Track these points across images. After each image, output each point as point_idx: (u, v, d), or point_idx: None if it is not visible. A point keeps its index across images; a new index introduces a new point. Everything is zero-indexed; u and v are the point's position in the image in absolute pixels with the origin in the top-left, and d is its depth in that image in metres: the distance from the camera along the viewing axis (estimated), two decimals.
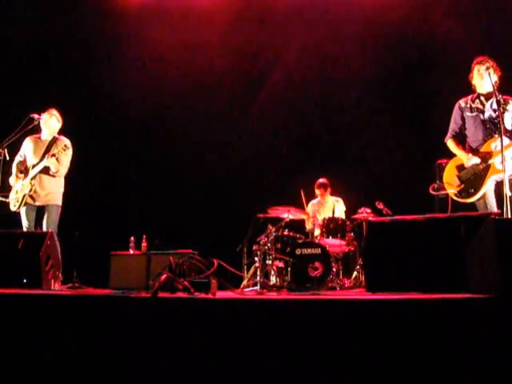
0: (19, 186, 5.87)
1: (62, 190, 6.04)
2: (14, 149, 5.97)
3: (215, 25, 8.18)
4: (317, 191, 7.18)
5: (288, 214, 6.35)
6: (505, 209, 4.33)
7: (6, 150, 5.62)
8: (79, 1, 8.30)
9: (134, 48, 8.27)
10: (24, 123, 5.75)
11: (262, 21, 8.21)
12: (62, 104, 6.30)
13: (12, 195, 5.92)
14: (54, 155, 5.72)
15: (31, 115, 5.81)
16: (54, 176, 5.90)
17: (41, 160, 5.83)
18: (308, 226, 6.80)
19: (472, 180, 4.88)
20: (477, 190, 4.84)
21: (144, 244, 6.41)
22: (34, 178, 5.82)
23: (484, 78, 4.91)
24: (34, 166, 5.85)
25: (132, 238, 6.37)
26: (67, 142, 6.01)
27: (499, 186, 4.76)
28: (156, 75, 8.30)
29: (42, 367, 3.13)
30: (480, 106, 5.03)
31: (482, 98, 5.04)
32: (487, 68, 4.88)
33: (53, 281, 4.87)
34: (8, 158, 5.73)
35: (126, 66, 8.20)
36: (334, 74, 8.04)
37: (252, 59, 8.28)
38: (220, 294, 3.87)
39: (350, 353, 2.83)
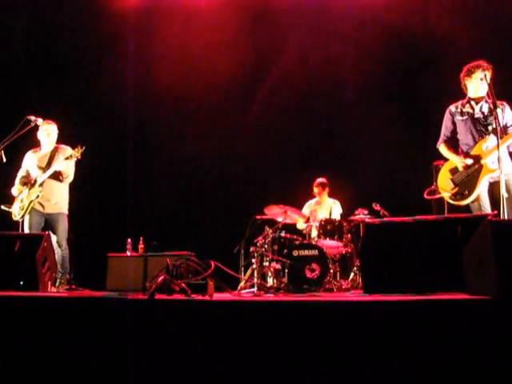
0: (25, 194, 5.84)
1: (67, 197, 6.07)
2: (11, 152, 5.94)
3: (214, 26, 8.19)
4: (315, 189, 7.19)
5: (285, 217, 6.35)
6: (501, 210, 4.34)
7: (2, 153, 5.60)
8: (78, 2, 8.29)
9: (132, 49, 8.26)
10: (20, 125, 5.73)
11: (261, 22, 8.21)
12: (59, 106, 6.30)
13: (16, 204, 5.88)
14: (68, 158, 5.71)
15: (28, 117, 5.79)
16: (61, 181, 5.89)
17: (47, 167, 5.81)
18: (299, 227, 6.80)
19: (466, 182, 4.90)
20: (471, 192, 4.85)
21: (141, 246, 6.41)
22: (41, 184, 5.80)
23: (484, 85, 4.90)
24: (40, 176, 5.83)
25: (129, 240, 6.37)
26: (70, 148, 5.98)
27: (493, 187, 4.78)
28: (154, 76, 8.29)
29: (40, 369, 3.12)
30: (470, 110, 5.06)
31: (473, 103, 5.07)
32: (489, 77, 4.88)
33: (49, 283, 4.85)
34: (4, 160, 5.70)
35: (124, 68, 8.19)
36: (332, 76, 8.05)
37: (251, 60, 8.27)
38: (217, 296, 3.87)
39: (347, 354, 2.83)
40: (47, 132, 5.98)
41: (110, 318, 3.18)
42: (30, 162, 6.04)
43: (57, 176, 5.85)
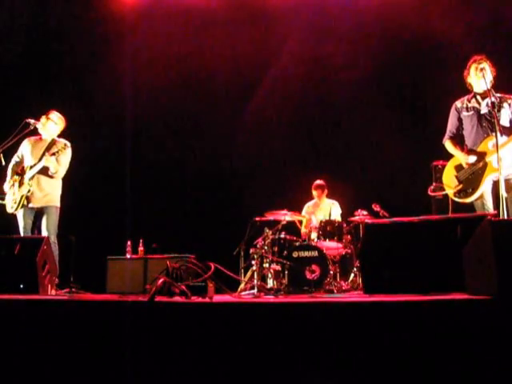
0: (16, 187, 5.82)
1: (60, 191, 5.98)
2: (10, 154, 5.94)
3: (212, 26, 8.19)
4: (314, 192, 7.20)
5: (284, 217, 6.35)
6: (501, 209, 4.34)
7: (1, 155, 5.59)
8: (76, 3, 8.28)
9: (131, 50, 8.25)
10: (19, 128, 5.72)
11: (259, 21, 8.21)
12: (59, 106, 6.29)
13: (9, 197, 5.86)
14: (53, 154, 5.69)
15: (27, 120, 5.78)
16: (52, 177, 5.84)
17: (39, 160, 5.80)
18: (302, 230, 6.82)
19: (470, 179, 4.90)
20: (475, 190, 4.85)
21: (141, 248, 6.41)
22: (31, 178, 5.77)
23: (481, 77, 4.91)
24: (31, 167, 5.81)
25: (129, 243, 6.37)
26: (66, 142, 5.98)
27: (496, 186, 4.77)
28: (152, 77, 8.28)
29: (40, 372, 3.11)
30: (476, 105, 5.04)
31: (479, 97, 5.06)
32: (482, 69, 4.89)
33: (49, 286, 4.85)
34: (4, 163, 5.70)
35: (123, 68, 8.17)
36: (331, 76, 8.04)
37: (249, 60, 8.27)
38: (217, 298, 3.86)
39: (348, 355, 2.83)
40: (42, 124, 5.95)
41: (110, 320, 3.18)
42: (26, 149, 5.99)
43: (45, 171, 5.82)
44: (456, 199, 5.02)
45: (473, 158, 4.92)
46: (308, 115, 8.34)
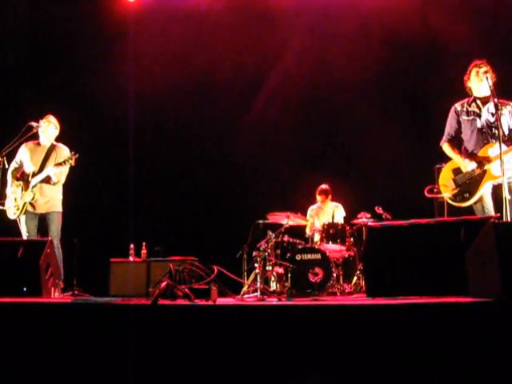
0: (18, 194, 5.83)
1: (61, 196, 6.00)
2: (12, 157, 5.95)
3: (215, 26, 8.19)
4: (318, 197, 7.19)
5: (287, 220, 6.35)
6: (504, 212, 4.32)
7: (4, 159, 5.60)
8: (77, 4, 8.29)
9: (132, 51, 8.24)
10: (23, 131, 5.72)
11: (261, 23, 8.21)
12: (60, 111, 6.30)
13: (10, 203, 5.86)
14: (60, 164, 5.70)
15: (30, 123, 5.78)
16: (54, 185, 5.88)
17: (41, 168, 5.80)
18: (308, 232, 6.81)
19: (467, 184, 4.85)
20: (472, 195, 4.81)
21: (144, 251, 6.40)
22: (34, 186, 5.80)
23: (482, 81, 4.89)
24: (34, 174, 5.82)
25: (132, 246, 6.36)
26: (67, 150, 5.98)
27: (496, 188, 4.74)
28: (154, 80, 8.29)
29: (43, 375, 3.12)
30: (477, 110, 5.01)
31: (479, 102, 5.02)
32: (485, 72, 4.87)
33: (53, 289, 4.85)
34: (7, 166, 5.71)
35: (124, 70, 8.17)
36: (333, 78, 8.03)
37: (251, 62, 8.27)
38: (220, 301, 3.87)
39: (351, 358, 2.83)
40: (42, 128, 5.95)
41: (113, 323, 3.18)
42: (25, 155, 5.99)
43: (48, 180, 5.84)
44: (452, 202, 4.97)
45: (472, 164, 4.88)
46: (311, 117, 8.33)
